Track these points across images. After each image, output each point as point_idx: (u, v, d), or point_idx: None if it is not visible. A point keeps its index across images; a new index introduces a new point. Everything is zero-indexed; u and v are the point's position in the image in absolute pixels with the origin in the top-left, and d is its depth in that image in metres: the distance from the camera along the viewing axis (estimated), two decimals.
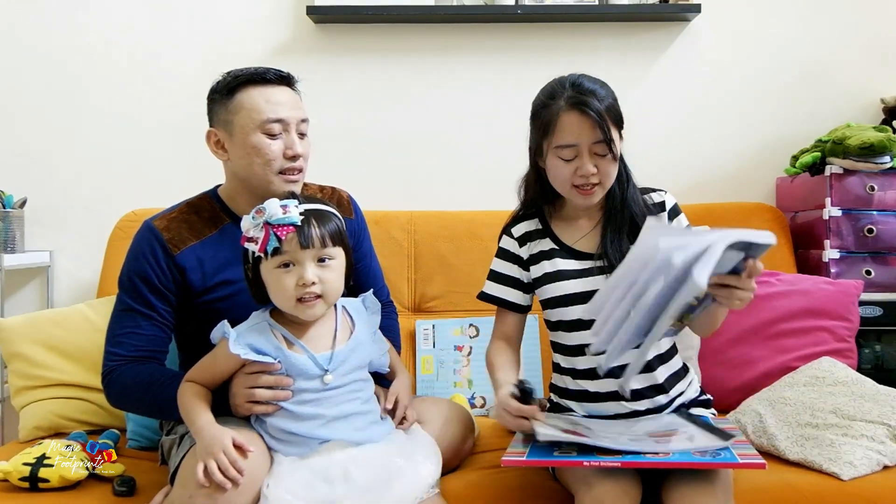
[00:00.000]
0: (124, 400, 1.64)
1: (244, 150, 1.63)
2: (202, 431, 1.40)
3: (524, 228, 1.71)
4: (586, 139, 1.54)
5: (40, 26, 2.58)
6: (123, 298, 1.64)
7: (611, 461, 1.35)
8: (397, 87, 2.60)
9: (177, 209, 1.71)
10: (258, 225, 1.41)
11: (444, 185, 2.59)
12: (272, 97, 1.63)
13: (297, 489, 1.36)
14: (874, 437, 1.66)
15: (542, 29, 2.59)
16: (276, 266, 1.42)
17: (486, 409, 2.13)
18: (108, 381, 1.61)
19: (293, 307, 1.43)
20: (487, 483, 1.61)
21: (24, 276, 2.60)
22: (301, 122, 1.67)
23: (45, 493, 1.60)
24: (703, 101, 2.60)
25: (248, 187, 1.67)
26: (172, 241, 1.64)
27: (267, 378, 1.44)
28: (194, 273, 1.63)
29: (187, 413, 1.44)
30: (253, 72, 1.65)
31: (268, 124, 1.62)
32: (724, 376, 2.03)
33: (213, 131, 1.68)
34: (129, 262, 1.66)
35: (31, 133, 2.59)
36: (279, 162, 1.63)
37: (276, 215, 1.40)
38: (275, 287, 1.43)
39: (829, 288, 2.10)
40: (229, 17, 2.59)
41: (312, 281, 1.41)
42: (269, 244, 1.40)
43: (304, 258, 1.41)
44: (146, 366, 1.60)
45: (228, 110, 1.64)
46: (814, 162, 2.34)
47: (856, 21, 2.58)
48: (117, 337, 1.62)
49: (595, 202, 1.61)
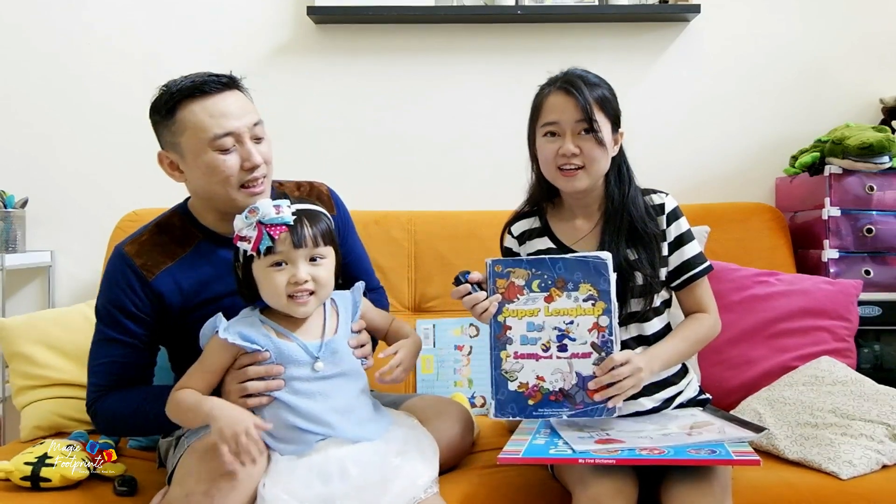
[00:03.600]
0: (114, 427, 1.63)
1: (199, 172, 1.54)
2: (217, 412, 1.36)
3: (523, 227, 1.72)
4: (569, 118, 1.57)
5: (41, 26, 2.59)
6: (100, 328, 1.60)
7: (605, 458, 1.36)
8: (397, 88, 2.60)
9: (146, 231, 1.64)
10: (251, 224, 1.41)
11: (444, 185, 2.59)
12: (216, 109, 1.52)
13: (295, 488, 1.36)
14: (873, 436, 1.67)
15: (542, 29, 2.59)
16: (268, 265, 1.42)
17: (486, 409, 2.14)
18: (94, 412, 1.60)
19: (285, 304, 1.44)
20: (487, 482, 1.61)
21: (24, 276, 2.60)
22: (254, 126, 1.56)
23: (47, 493, 1.60)
24: (703, 101, 2.60)
25: (213, 205, 1.60)
26: (146, 267, 1.58)
27: (257, 368, 1.42)
28: (173, 297, 1.58)
29: (189, 407, 1.40)
30: (190, 84, 1.53)
31: (217, 140, 1.51)
32: (723, 376, 2.03)
33: (163, 154, 1.60)
34: (104, 291, 1.61)
35: (32, 133, 2.59)
36: (237, 176, 1.54)
37: (269, 215, 1.41)
38: (267, 285, 1.44)
39: (829, 288, 2.10)
40: (229, 17, 2.59)
41: (305, 279, 1.42)
42: (262, 243, 1.40)
43: (296, 257, 1.42)
44: (129, 391, 1.57)
45: (173, 132, 1.55)
46: (813, 162, 2.34)
47: (855, 21, 2.58)
48: (97, 367, 1.60)
49: (580, 187, 1.61)
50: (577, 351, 1.49)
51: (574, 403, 1.48)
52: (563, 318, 1.50)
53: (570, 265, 1.50)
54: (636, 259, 1.59)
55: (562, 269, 1.50)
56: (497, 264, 1.53)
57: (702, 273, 1.65)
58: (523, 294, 1.51)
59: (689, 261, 1.64)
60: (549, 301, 1.50)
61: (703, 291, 1.66)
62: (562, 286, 1.50)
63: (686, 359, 1.66)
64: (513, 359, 1.51)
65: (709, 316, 1.65)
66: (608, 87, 1.62)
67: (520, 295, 1.51)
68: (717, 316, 1.67)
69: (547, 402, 1.49)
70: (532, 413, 1.51)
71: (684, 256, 1.64)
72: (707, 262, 1.67)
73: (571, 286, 1.50)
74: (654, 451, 1.37)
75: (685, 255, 1.64)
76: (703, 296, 1.66)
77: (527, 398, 1.50)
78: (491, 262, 1.53)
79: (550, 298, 1.50)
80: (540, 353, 1.50)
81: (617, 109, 1.62)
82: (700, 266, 1.65)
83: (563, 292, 1.50)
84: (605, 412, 1.47)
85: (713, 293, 1.69)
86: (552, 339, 1.50)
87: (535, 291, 1.51)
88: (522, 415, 1.51)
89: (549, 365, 1.50)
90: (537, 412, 1.50)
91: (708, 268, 1.66)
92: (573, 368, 1.49)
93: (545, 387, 1.49)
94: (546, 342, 1.50)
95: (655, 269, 1.61)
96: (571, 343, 1.49)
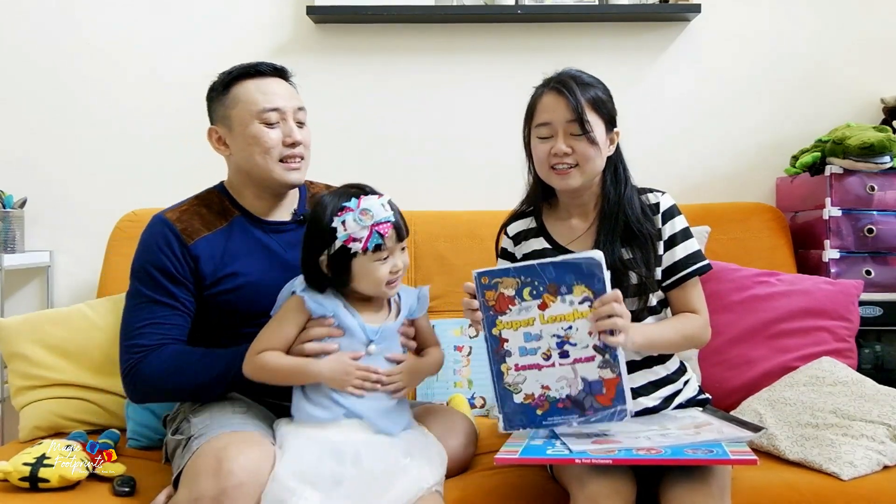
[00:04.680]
0: (154, 390, 1.63)
1: (244, 142, 1.68)
2: (322, 372, 1.48)
3: (519, 227, 1.73)
4: (560, 117, 1.58)
5: (41, 26, 2.58)
6: (141, 290, 1.65)
7: (602, 458, 1.36)
8: (397, 87, 2.60)
9: (186, 203, 1.75)
10: (365, 227, 1.48)
11: (444, 185, 2.59)
12: (267, 88, 1.69)
13: (306, 465, 1.40)
14: (874, 436, 1.66)
15: (542, 29, 2.59)
16: (374, 260, 1.49)
17: (486, 410, 2.13)
18: (133, 375, 1.61)
19: (381, 290, 1.52)
20: (486, 483, 1.61)
21: (24, 276, 2.60)
22: (298, 110, 1.71)
23: (46, 493, 1.59)
24: (703, 101, 2.60)
25: (252, 179, 1.72)
26: (186, 232, 1.67)
27: (319, 330, 1.51)
28: (207, 263, 1.66)
29: (290, 371, 1.49)
30: (247, 65, 1.70)
31: (264, 114, 1.66)
32: (724, 376, 2.03)
33: (213, 129, 1.74)
34: (144, 254, 1.68)
35: (31, 133, 2.59)
36: (278, 150, 1.68)
37: (380, 216, 1.49)
38: (368, 275, 1.50)
39: (829, 288, 2.09)
40: (229, 17, 2.59)
41: (401, 266, 1.53)
42: (371, 241, 1.48)
43: (396, 249, 1.53)
44: (171, 348, 1.61)
45: (226, 105, 1.70)
46: (814, 162, 2.34)
47: (856, 21, 2.58)
48: (137, 329, 1.62)
49: (573, 185, 1.60)
50: (579, 356, 1.44)
51: (583, 410, 1.45)
52: (560, 324, 1.43)
53: (560, 269, 1.43)
54: (631, 259, 1.59)
55: (552, 274, 1.43)
56: (483, 276, 1.46)
57: (692, 274, 1.62)
58: (515, 304, 1.45)
59: (679, 261, 1.62)
60: (544, 308, 1.44)
61: (693, 293, 1.63)
62: (554, 291, 1.43)
63: (669, 349, 1.63)
64: (514, 371, 1.47)
65: (698, 317, 1.62)
66: (602, 88, 1.62)
67: (511, 306, 1.45)
68: (708, 321, 1.64)
69: (556, 410, 1.46)
70: (542, 423, 1.47)
71: (675, 256, 1.62)
72: (701, 263, 1.63)
73: (565, 290, 1.43)
74: (651, 450, 1.37)
75: (676, 256, 1.62)
76: (693, 297, 1.63)
77: (534, 408, 1.47)
78: (477, 274, 1.46)
79: (544, 305, 1.44)
80: (541, 362, 1.46)
81: (611, 109, 1.62)
82: (691, 267, 1.62)
83: (557, 297, 1.43)
84: (615, 416, 1.44)
85: (713, 294, 1.68)
86: (552, 346, 1.45)
87: (527, 300, 1.44)
88: (532, 425, 1.48)
89: (552, 373, 1.45)
90: (547, 421, 1.47)
91: (701, 269, 1.63)
92: (578, 374, 1.44)
93: (552, 395, 1.46)
94: (546, 351, 1.45)
95: (651, 270, 1.60)
96: (573, 349, 1.44)
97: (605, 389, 1.44)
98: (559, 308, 1.44)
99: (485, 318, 1.47)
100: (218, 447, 1.41)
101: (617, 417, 1.44)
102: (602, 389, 1.44)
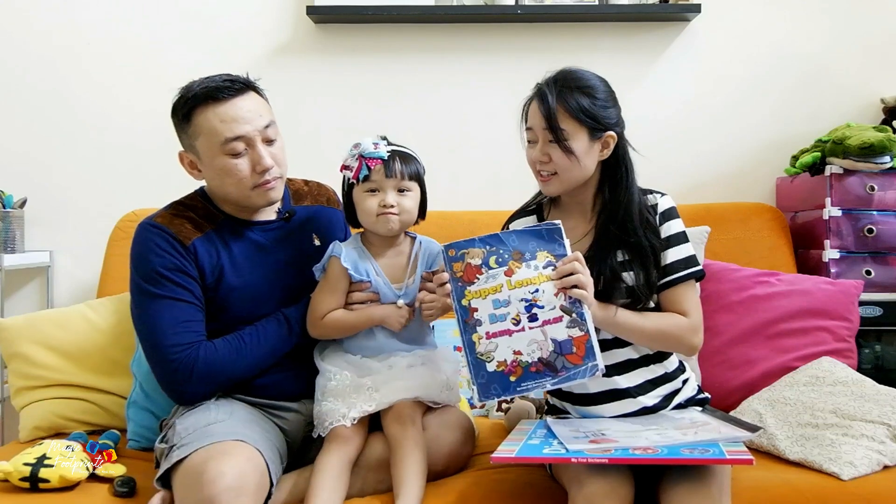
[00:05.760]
0: (219, 376, 1.61)
1: (214, 173, 1.64)
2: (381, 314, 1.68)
3: (522, 223, 1.72)
4: (538, 124, 1.59)
5: (40, 26, 2.58)
6: (156, 292, 1.60)
7: (598, 457, 1.36)
8: (397, 87, 2.60)
9: (171, 207, 1.71)
10: (354, 156, 1.66)
11: (444, 185, 2.58)
12: (227, 114, 1.59)
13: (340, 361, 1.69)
14: (874, 436, 1.66)
15: (542, 29, 2.59)
16: (364, 191, 1.67)
17: (485, 410, 2.13)
18: (192, 369, 1.58)
19: (374, 222, 1.68)
20: (486, 482, 1.61)
21: (24, 276, 2.60)
22: (265, 128, 1.63)
23: (46, 494, 1.59)
24: (703, 101, 2.60)
25: (229, 200, 1.69)
26: (180, 234, 1.65)
27: (360, 295, 1.68)
28: (205, 262, 1.65)
29: (357, 320, 1.69)
30: (204, 90, 1.60)
31: (228, 144, 1.59)
32: (724, 376, 2.03)
33: (183, 154, 1.69)
34: (144, 261, 1.63)
35: (31, 133, 2.59)
36: (250, 179, 1.63)
37: (368, 150, 1.65)
38: (361, 207, 1.69)
39: (829, 288, 2.10)
40: (229, 16, 2.59)
41: (392, 204, 1.65)
42: (361, 172, 1.65)
43: (387, 186, 1.66)
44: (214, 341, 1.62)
45: (189, 135, 1.64)
46: (814, 162, 2.34)
47: (856, 21, 2.58)
48: (172, 328, 1.59)
49: (553, 192, 1.64)
50: (547, 318, 1.48)
51: (556, 371, 1.48)
52: (526, 288, 1.49)
53: (523, 236, 1.51)
54: (625, 261, 1.58)
55: (515, 241, 1.51)
56: (450, 248, 1.52)
57: (682, 279, 1.60)
58: (482, 273, 1.51)
59: (671, 264, 1.61)
60: (510, 275, 1.50)
61: (683, 296, 1.60)
62: (519, 258, 1.50)
63: (640, 339, 1.59)
64: (486, 339, 1.50)
65: (685, 319, 1.59)
66: (593, 93, 1.57)
67: (479, 275, 1.51)
68: (698, 326, 1.60)
69: (528, 375, 1.48)
70: (516, 389, 1.49)
71: (667, 259, 1.61)
72: (693, 268, 1.61)
73: (529, 255, 1.50)
74: (647, 450, 1.37)
75: (668, 259, 1.61)
76: (682, 300, 1.60)
77: (507, 375, 1.49)
78: (443, 247, 1.53)
79: (510, 272, 1.50)
80: (511, 327, 1.49)
81: (597, 115, 1.56)
82: (682, 271, 1.60)
83: (522, 263, 1.50)
84: (588, 373, 1.46)
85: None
86: (521, 311, 1.49)
87: (494, 268, 1.50)
88: (507, 393, 1.49)
89: (523, 337, 1.49)
90: (521, 387, 1.49)
91: (693, 274, 1.61)
92: (548, 336, 1.48)
93: (524, 360, 1.49)
94: (515, 316, 1.49)
95: (648, 279, 1.58)
96: (540, 311, 1.48)
97: (574, 348, 1.48)
98: (525, 273, 1.50)
99: (454, 290, 1.52)
100: (198, 462, 1.41)
101: (590, 373, 1.47)
102: (572, 349, 1.48)
